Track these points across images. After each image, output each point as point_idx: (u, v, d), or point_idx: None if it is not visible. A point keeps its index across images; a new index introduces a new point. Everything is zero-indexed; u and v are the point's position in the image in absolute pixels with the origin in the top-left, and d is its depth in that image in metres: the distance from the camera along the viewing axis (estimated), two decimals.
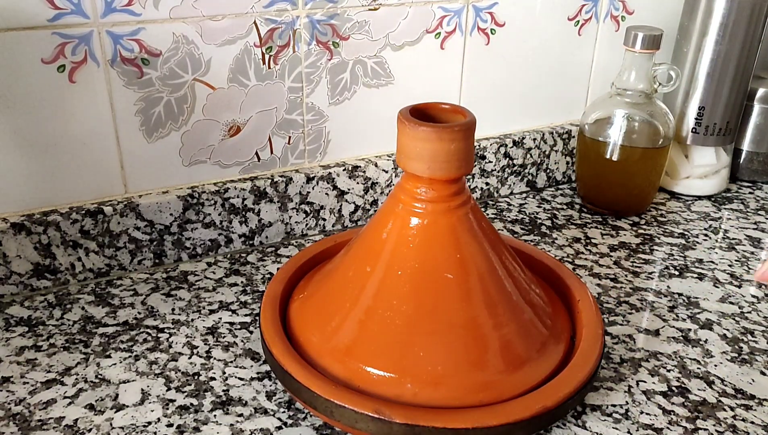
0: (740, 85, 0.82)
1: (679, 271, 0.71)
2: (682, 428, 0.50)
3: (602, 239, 0.77)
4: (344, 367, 0.49)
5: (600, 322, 0.54)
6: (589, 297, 0.56)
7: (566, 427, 0.50)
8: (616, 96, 0.79)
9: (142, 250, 0.68)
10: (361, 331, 0.50)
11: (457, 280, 0.50)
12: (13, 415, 0.50)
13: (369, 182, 0.77)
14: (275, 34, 0.67)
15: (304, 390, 0.47)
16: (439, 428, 0.44)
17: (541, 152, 0.87)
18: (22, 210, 0.63)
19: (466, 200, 0.51)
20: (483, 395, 0.47)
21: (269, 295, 0.56)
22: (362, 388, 0.48)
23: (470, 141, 0.49)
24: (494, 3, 0.76)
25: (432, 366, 0.48)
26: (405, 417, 0.44)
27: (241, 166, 0.71)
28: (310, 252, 0.63)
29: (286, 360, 0.49)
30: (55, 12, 0.57)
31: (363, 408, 0.45)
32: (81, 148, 0.63)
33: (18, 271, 0.63)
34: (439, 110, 0.51)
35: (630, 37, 0.76)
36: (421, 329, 0.49)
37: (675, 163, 0.87)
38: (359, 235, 0.55)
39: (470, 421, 0.44)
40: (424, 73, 0.76)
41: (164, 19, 0.62)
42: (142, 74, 0.63)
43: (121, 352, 0.57)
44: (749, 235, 0.78)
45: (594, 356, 0.50)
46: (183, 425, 0.49)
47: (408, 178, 0.51)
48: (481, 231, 0.52)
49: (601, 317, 0.55)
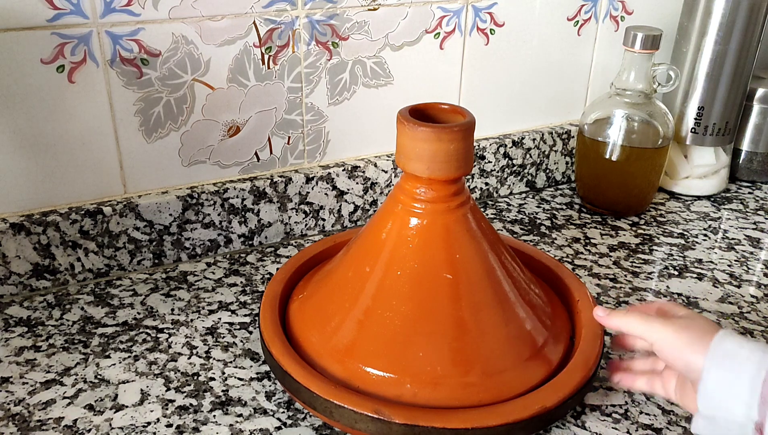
0: (739, 85, 0.82)
1: (679, 271, 0.71)
2: (681, 428, 0.50)
3: (602, 239, 0.77)
4: (343, 367, 0.49)
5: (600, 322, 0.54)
6: (589, 297, 0.56)
7: (566, 427, 0.50)
8: (616, 96, 0.79)
9: (141, 251, 0.68)
10: (361, 331, 0.50)
11: (457, 280, 0.50)
12: (12, 416, 0.50)
13: (368, 182, 0.77)
14: (275, 34, 0.67)
15: (303, 390, 0.47)
16: (439, 428, 0.44)
17: (541, 152, 0.87)
18: (22, 210, 0.63)
19: (466, 200, 0.51)
20: (482, 395, 0.47)
21: (269, 295, 0.56)
22: (362, 388, 0.48)
23: (469, 141, 0.49)
24: (493, 3, 0.76)
25: (431, 366, 0.48)
26: (405, 417, 0.44)
27: (240, 167, 0.71)
28: (310, 252, 0.63)
29: (286, 360, 0.49)
30: (55, 12, 0.57)
31: (362, 408, 0.45)
32: (80, 148, 0.63)
33: (17, 272, 0.63)
34: (438, 110, 0.51)
35: (629, 37, 0.76)
36: (421, 329, 0.49)
37: (674, 163, 0.87)
38: (358, 235, 0.55)
39: (470, 421, 0.44)
40: (423, 73, 0.76)
41: (163, 20, 0.62)
42: (141, 74, 0.63)
43: (121, 353, 0.57)
44: (748, 235, 0.78)
45: (593, 356, 0.50)
46: (182, 425, 0.49)
47: (407, 178, 0.51)
48: (480, 231, 0.52)
49: None
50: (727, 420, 0.41)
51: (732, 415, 0.41)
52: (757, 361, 0.41)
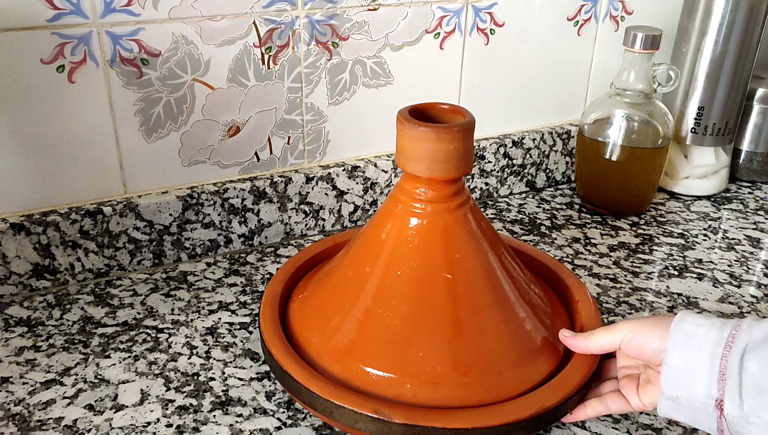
0: (739, 85, 0.82)
1: (679, 271, 0.71)
2: (681, 428, 0.50)
3: (602, 239, 0.77)
4: (343, 367, 0.49)
5: (599, 322, 0.54)
6: (589, 297, 0.56)
7: (565, 428, 0.50)
8: (616, 96, 0.79)
9: (141, 251, 0.68)
10: (360, 331, 0.50)
11: (456, 280, 0.50)
12: (12, 416, 0.50)
13: (368, 182, 0.77)
14: (275, 34, 0.67)
15: (303, 390, 0.47)
16: (439, 428, 0.44)
17: (541, 152, 0.87)
18: (22, 210, 0.63)
19: (466, 200, 0.51)
20: (482, 395, 0.47)
21: (269, 295, 0.56)
22: (362, 388, 0.48)
23: (469, 141, 0.49)
24: (493, 3, 0.76)
25: (431, 366, 0.48)
26: (404, 417, 0.44)
27: (240, 167, 0.71)
28: (310, 252, 0.63)
29: (286, 360, 0.49)
30: (55, 12, 0.57)
31: (362, 408, 0.45)
32: (80, 148, 0.63)
33: (17, 272, 0.63)
34: (438, 110, 0.51)
35: (629, 37, 0.76)
36: (421, 329, 0.49)
37: (674, 163, 0.87)
38: (358, 235, 0.55)
39: (470, 421, 0.44)
40: (423, 73, 0.76)
41: (163, 20, 0.62)
42: (141, 74, 0.63)
43: (121, 353, 0.57)
44: (748, 235, 0.78)
45: (593, 356, 0.50)
46: (182, 425, 0.49)
47: (407, 178, 0.51)
48: (480, 231, 0.52)
49: (601, 317, 0.55)
50: (689, 399, 0.42)
51: (694, 394, 0.42)
52: (714, 340, 0.42)
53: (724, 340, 0.41)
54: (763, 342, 0.40)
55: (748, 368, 0.40)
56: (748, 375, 0.40)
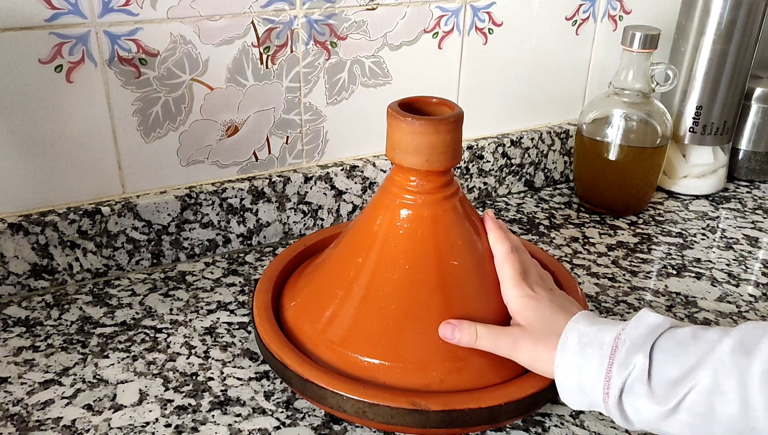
0: (737, 84, 0.82)
1: (677, 271, 0.71)
2: None
3: (600, 239, 0.77)
4: (338, 357, 0.50)
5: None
6: (579, 292, 0.58)
7: (564, 427, 0.50)
8: (614, 95, 0.79)
9: (139, 251, 0.68)
10: (356, 321, 0.51)
11: (459, 266, 0.51)
12: (11, 416, 0.50)
13: (367, 182, 0.77)
14: (273, 34, 0.67)
15: (330, 395, 0.47)
16: (474, 409, 0.45)
17: (539, 152, 0.87)
18: (20, 210, 0.63)
19: (456, 191, 0.53)
20: (503, 372, 0.49)
21: (260, 296, 0.56)
22: (388, 383, 0.48)
23: (461, 132, 0.50)
24: (492, 3, 0.76)
25: (453, 351, 0.49)
26: (441, 404, 0.45)
27: (239, 166, 0.71)
28: (296, 248, 0.63)
29: (304, 370, 0.49)
30: (53, 12, 0.57)
31: (398, 403, 0.45)
32: (78, 148, 0.63)
33: (15, 272, 0.63)
34: (424, 103, 0.53)
35: (627, 36, 0.76)
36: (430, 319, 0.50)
37: (673, 163, 0.87)
38: (349, 228, 0.56)
39: (501, 397, 0.46)
40: (421, 72, 0.76)
41: (162, 19, 0.62)
42: (139, 74, 0.63)
43: (119, 353, 0.57)
44: (747, 235, 0.78)
45: None
46: (181, 425, 0.49)
47: (399, 170, 0.52)
48: (470, 221, 0.53)
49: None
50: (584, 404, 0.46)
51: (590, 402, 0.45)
52: (595, 369, 0.44)
53: (604, 369, 0.43)
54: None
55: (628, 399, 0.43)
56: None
